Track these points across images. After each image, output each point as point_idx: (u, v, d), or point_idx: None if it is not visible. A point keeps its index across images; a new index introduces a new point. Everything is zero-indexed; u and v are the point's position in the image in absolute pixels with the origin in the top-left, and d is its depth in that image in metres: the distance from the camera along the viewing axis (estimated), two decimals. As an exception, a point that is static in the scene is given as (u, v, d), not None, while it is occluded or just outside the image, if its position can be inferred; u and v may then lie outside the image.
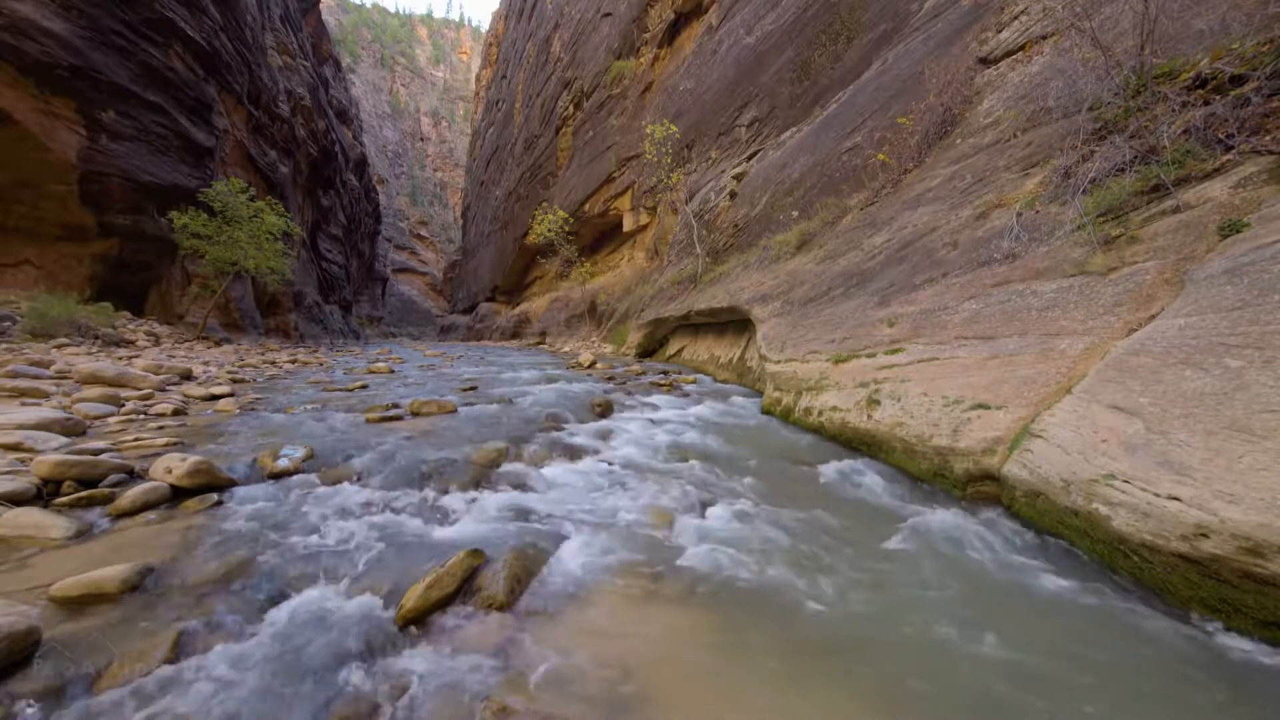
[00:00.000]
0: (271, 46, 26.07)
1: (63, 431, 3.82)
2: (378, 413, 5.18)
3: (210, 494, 2.98)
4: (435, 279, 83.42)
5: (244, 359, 12.06)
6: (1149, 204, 3.93)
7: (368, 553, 2.42)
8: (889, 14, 12.21)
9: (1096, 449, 2.43)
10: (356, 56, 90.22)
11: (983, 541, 2.59)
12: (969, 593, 2.19)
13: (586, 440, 4.50)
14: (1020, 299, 4.10)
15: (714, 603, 2.11)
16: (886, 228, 7.32)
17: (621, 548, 2.54)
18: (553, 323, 29.48)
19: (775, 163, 13.75)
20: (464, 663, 1.74)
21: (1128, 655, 1.79)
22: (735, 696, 1.62)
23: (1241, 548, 1.80)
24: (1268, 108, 3.77)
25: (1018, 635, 1.89)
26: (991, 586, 2.24)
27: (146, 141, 15.28)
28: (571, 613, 2.05)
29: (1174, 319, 2.84)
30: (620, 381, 8.69)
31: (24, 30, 12.21)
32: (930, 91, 8.46)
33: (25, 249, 14.40)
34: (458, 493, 3.23)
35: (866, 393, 4.32)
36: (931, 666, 1.74)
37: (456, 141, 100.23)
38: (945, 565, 2.40)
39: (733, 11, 19.10)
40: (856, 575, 2.32)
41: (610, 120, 26.67)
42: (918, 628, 1.94)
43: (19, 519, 2.46)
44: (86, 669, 1.62)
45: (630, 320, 17.80)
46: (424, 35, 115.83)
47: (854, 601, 2.11)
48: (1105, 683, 1.66)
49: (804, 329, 6.61)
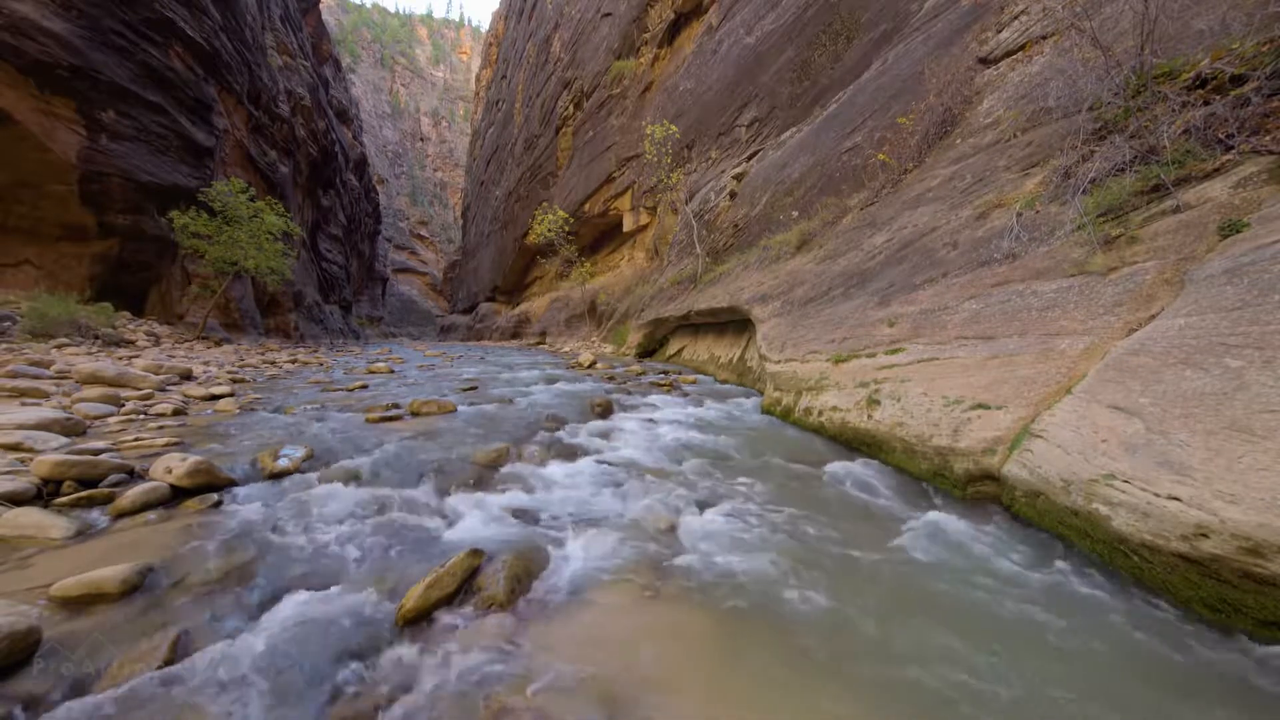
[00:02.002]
0: (271, 46, 26.07)
1: (63, 431, 3.82)
2: (378, 413, 5.18)
3: (210, 494, 2.98)
4: (435, 279, 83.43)
5: (244, 359, 12.06)
6: (1149, 204, 3.93)
7: (367, 553, 2.42)
8: (889, 14, 12.21)
9: (1096, 449, 2.43)
10: (356, 56, 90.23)
11: (983, 542, 2.59)
12: (969, 593, 2.19)
13: (587, 440, 4.50)
14: (1020, 299, 4.10)
15: (713, 603, 2.11)
16: (886, 228, 7.32)
17: (621, 548, 2.54)
18: (553, 323, 29.48)
19: (775, 163, 13.75)
20: (464, 663, 1.74)
21: (1132, 657, 1.79)
22: (735, 697, 1.62)
23: (1241, 548, 1.80)
24: (1268, 108, 3.77)
25: (1018, 636, 1.89)
26: (991, 587, 2.24)
27: (146, 141, 15.27)
28: (572, 613, 2.05)
29: (1174, 319, 2.84)
30: (620, 381, 8.69)
31: (24, 30, 12.21)
32: (930, 91, 8.46)
33: (25, 249, 14.40)
34: (458, 493, 3.23)
35: (866, 393, 4.32)
36: (931, 667, 1.74)
37: (456, 141, 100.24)
38: (945, 566, 2.40)
39: (733, 11, 19.11)
40: (856, 576, 2.32)
41: (610, 120, 26.67)
42: (917, 629, 1.94)
43: (19, 519, 2.47)
44: (87, 669, 1.62)
45: (630, 320, 17.80)
46: (424, 35, 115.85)
47: (854, 602, 2.11)
48: (1106, 684, 1.66)
49: (804, 329, 6.61)
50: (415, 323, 73.97)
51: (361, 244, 47.71)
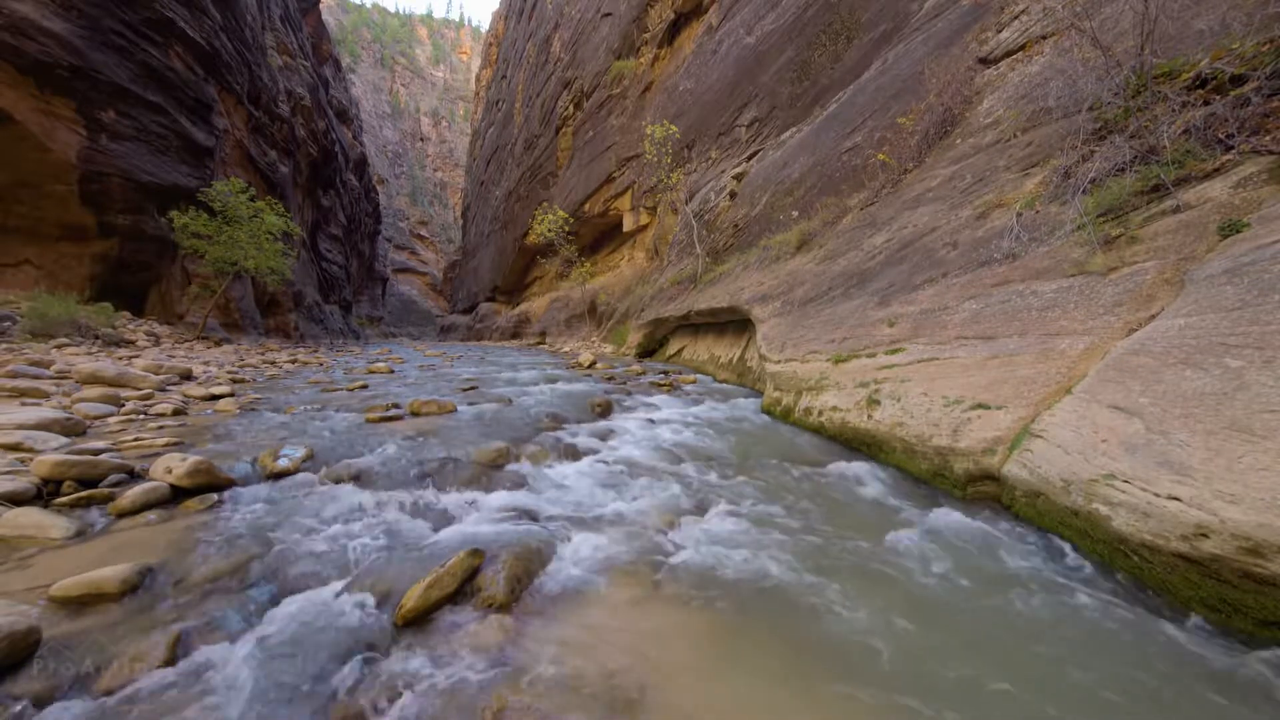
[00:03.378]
0: (271, 46, 26.06)
1: (63, 431, 3.82)
2: (378, 413, 5.18)
3: (210, 494, 2.99)
4: (435, 279, 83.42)
5: (244, 359, 12.06)
6: (1149, 204, 3.93)
7: (367, 553, 2.42)
8: (889, 14, 12.21)
9: (1096, 449, 2.43)
10: (356, 56, 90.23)
11: (983, 542, 2.59)
12: (968, 593, 2.19)
13: (587, 440, 4.50)
14: (1020, 299, 4.10)
15: (713, 603, 2.11)
16: (886, 228, 7.32)
17: (621, 548, 2.54)
18: (553, 323, 29.48)
19: (775, 163, 13.75)
20: (464, 663, 1.74)
21: (1131, 658, 1.79)
22: (735, 697, 1.62)
23: (1242, 548, 1.80)
24: (1268, 108, 3.76)
25: (1018, 636, 1.89)
26: (991, 587, 2.24)
27: (146, 141, 15.27)
28: (572, 613, 2.05)
29: (1174, 319, 2.84)
30: (620, 381, 8.69)
31: (24, 30, 12.21)
32: (930, 91, 8.46)
33: (25, 249, 14.39)
34: (458, 493, 3.23)
35: (866, 393, 4.32)
36: (931, 667, 1.74)
37: (456, 141, 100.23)
38: (945, 566, 2.40)
39: (733, 11, 19.11)
40: (856, 576, 2.32)
41: (610, 120, 26.67)
42: (917, 629, 1.94)
43: (19, 519, 2.47)
44: (86, 669, 1.62)
45: (630, 320, 17.80)
46: (424, 35, 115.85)
47: (853, 602, 2.11)
48: (1107, 685, 1.66)
49: (804, 329, 6.61)
50: (415, 323, 73.97)
51: (361, 244, 47.70)
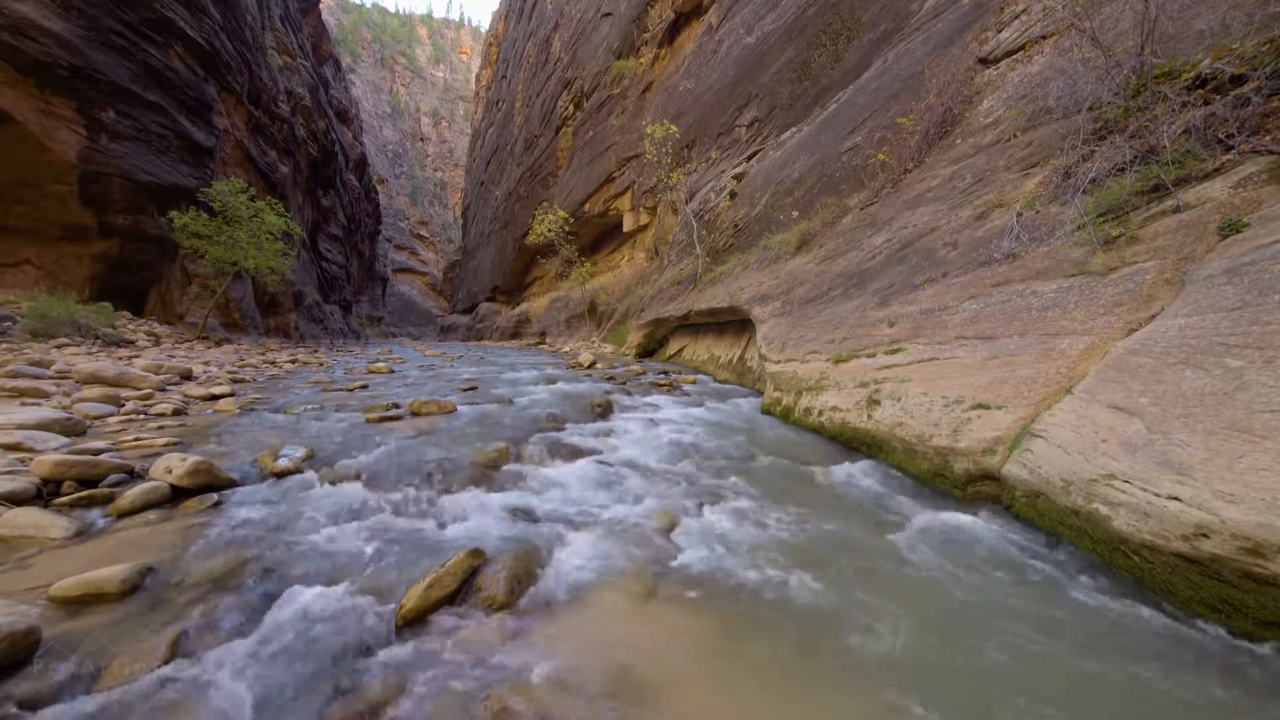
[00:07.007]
0: (271, 46, 26.07)
1: (63, 431, 3.81)
2: (378, 413, 5.18)
3: (210, 494, 2.98)
4: (435, 279, 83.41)
5: (244, 359, 12.06)
6: (1149, 204, 3.93)
7: (367, 553, 2.42)
8: (889, 14, 12.20)
9: (1097, 449, 2.43)
10: (356, 56, 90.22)
11: (983, 542, 2.59)
12: (968, 593, 2.19)
13: (587, 440, 4.50)
14: (1020, 299, 4.10)
15: (713, 603, 2.11)
16: (886, 228, 7.32)
17: (621, 548, 2.54)
18: (553, 323, 29.48)
19: (775, 163, 13.75)
20: (464, 662, 1.74)
21: (1131, 657, 1.79)
22: (734, 697, 1.62)
23: (1242, 548, 1.80)
24: (1268, 108, 3.77)
25: (1017, 637, 1.89)
26: (991, 587, 2.24)
27: (146, 141, 15.28)
28: (571, 613, 2.05)
29: (1174, 319, 2.84)
30: (620, 382, 8.69)
31: (24, 30, 12.21)
32: (930, 91, 8.46)
33: (25, 249, 14.39)
34: (458, 493, 3.23)
35: (866, 393, 4.32)
36: (931, 668, 1.74)
37: (456, 141, 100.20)
38: (945, 566, 2.40)
39: (733, 11, 19.10)
40: (856, 576, 2.32)
41: (610, 120, 26.67)
42: (917, 629, 1.94)
43: (19, 519, 2.46)
44: (86, 669, 1.62)
45: (630, 320, 17.80)
46: (424, 35, 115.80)
47: (853, 602, 2.11)
48: (1107, 685, 1.66)
49: (804, 329, 6.61)
50: (415, 323, 73.96)
51: (361, 244, 47.69)
